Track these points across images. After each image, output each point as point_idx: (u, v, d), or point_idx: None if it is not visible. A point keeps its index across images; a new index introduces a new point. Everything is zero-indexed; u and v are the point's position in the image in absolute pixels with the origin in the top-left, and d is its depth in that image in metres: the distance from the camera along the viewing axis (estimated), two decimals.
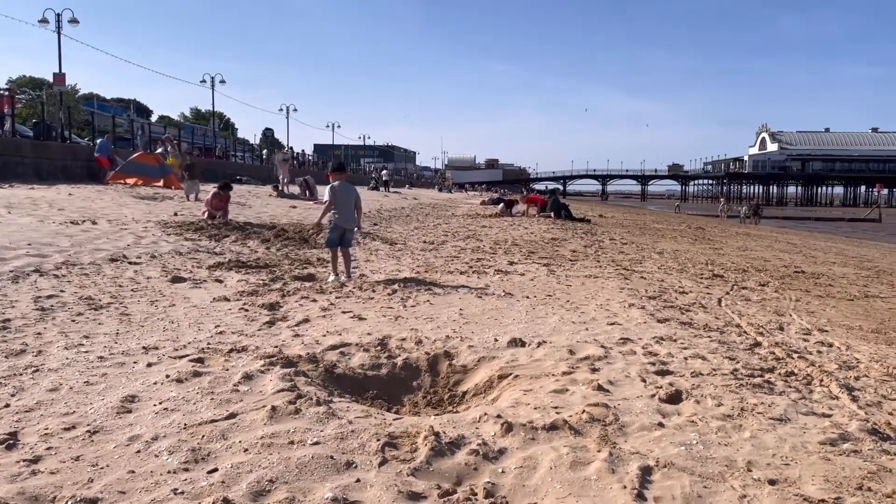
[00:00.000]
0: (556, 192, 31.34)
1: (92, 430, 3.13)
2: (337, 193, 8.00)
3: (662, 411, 3.70)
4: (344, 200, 8.00)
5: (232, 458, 2.87)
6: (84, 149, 26.59)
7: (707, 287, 9.13)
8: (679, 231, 24.90)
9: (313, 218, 16.90)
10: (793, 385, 4.33)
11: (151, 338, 4.89)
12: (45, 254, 8.02)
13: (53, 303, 5.78)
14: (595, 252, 13.16)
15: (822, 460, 3.10)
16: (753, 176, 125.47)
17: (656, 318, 6.39)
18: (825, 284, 10.56)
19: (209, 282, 7.33)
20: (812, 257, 16.39)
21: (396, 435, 3.17)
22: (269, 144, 70.49)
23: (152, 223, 12.20)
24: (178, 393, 3.66)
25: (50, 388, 3.69)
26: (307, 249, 10.62)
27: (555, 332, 5.58)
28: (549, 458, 2.99)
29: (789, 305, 8.01)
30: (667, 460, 3.00)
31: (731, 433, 3.40)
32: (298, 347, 4.75)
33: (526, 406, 3.72)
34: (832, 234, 34.07)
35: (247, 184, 29.77)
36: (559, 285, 8.36)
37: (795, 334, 6.16)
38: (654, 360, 4.76)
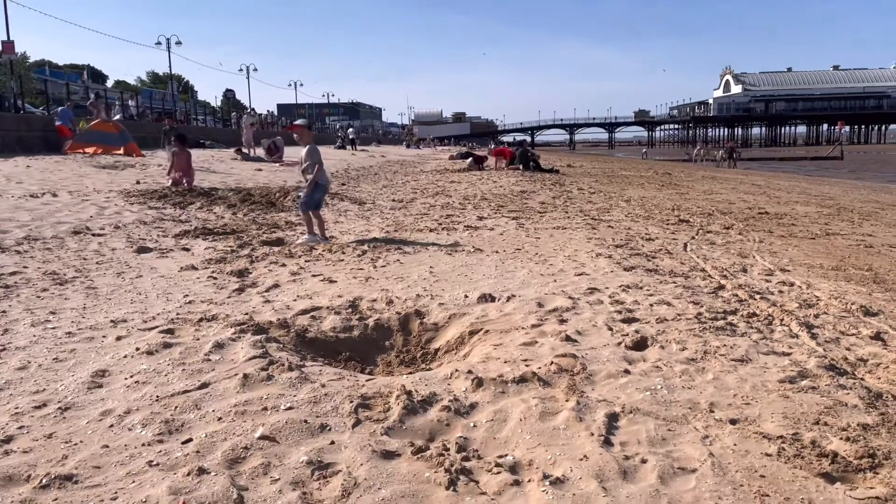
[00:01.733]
0: (524, 143, 31.28)
1: (63, 407, 3.13)
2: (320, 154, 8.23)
3: (628, 358, 3.79)
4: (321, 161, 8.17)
5: (206, 427, 2.90)
6: (39, 118, 25.85)
7: (673, 233, 9.26)
8: (646, 177, 25.09)
9: (279, 181, 16.72)
10: (754, 326, 4.46)
11: (119, 311, 4.85)
12: (4, 229, 7.85)
13: (17, 279, 5.69)
14: (563, 203, 13.24)
15: (781, 398, 3.22)
16: (718, 119, 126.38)
17: (623, 266, 6.49)
18: (788, 224, 10.77)
19: (176, 251, 7.26)
20: (776, 198, 16.65)
21: (369, 396, 3.22)
22: (231, 106, 69.09)
23: (115, 193, 11.97)
24: (148, 365, 3.66)
25: (18, 367, 3.66)
26: (274, 213, 10.53)
27: (524, 286, 5.65)
28: (519, 410, 3.06)
29: (753, 247, 8.17)
30: (632, 406, 3.09)
31: (695, 376, 3.51)
32: (269, 313, 4.75)
33: (496, 360, 3.78)
34: (795, 174, 34.59)
35: (210, 148, 29.24)
36: (528, 238, 8.42)
37: (758, 275, 6.31)
38: (621, 308, 4.85)
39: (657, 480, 2.48)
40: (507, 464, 2.60)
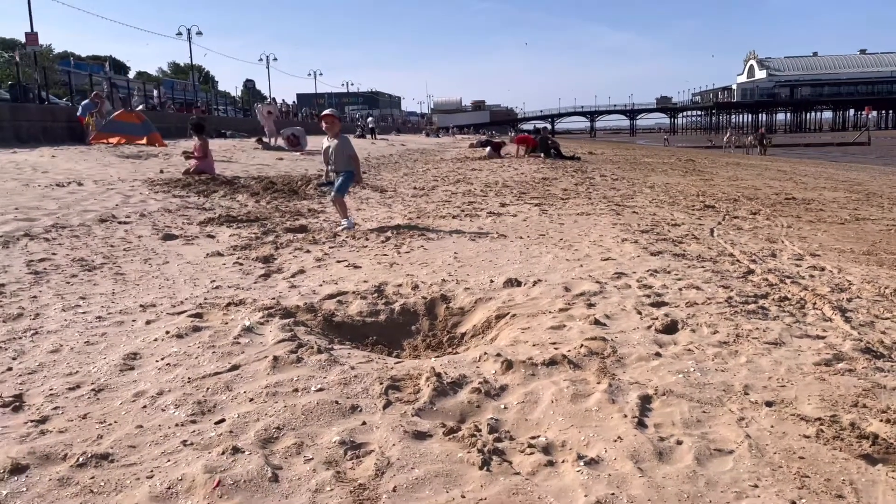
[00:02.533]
0: (544, 130, 31.09)
1: (97, 389, 3.16)
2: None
3: (659, 341, 3.75)
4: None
5: (238, 408, 2.91)
6: (63, 109, 26.11)
7: (699, 218, 9.16)
8: (669, 164, 24.85)
9: (300, 170, 16.77)
10: (786, 310, 4.39)
11: (148, 296, 4.89)
12: (33, 217, 7.94)
13: (46, 266, 5.75)
14: (586, 189, 13.14)
15: (818, 381, 3.16)
16: (742, 105, 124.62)
17: (649, 251, 6.42)
18: (816, 209, 10.61)
19: (201, 238, 7.30)
20: (802, 183, 16.42)
21: (399, 378, 3.21)
22: (252, 96, 69.35)
23: (139, 182, 12.07)
24: (179, 348, 3.68)
25: (51, 350, 3.70)
26: (297, 201, 10.56)
27: (550, 271, 5.61)
28: (550, 392, 3.04)
29: (781, 232, 8.06)
30: (665, 388, 3.06)
31: (728, 359, 3.46)
32: (296, 298, 4.76)
33: (525, 343, 3.76)
34: (821, 160, 34.08)
35: (231, 137, 29.39)
36: (552, 224, 8.36)
37: (788, 260, 6.22)
38: (649, 292, 4.80)
39: (694, 461, 2.44)
40: (540, 444, 2.58)
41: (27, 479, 2.37)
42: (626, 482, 2.32)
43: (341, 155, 7.93)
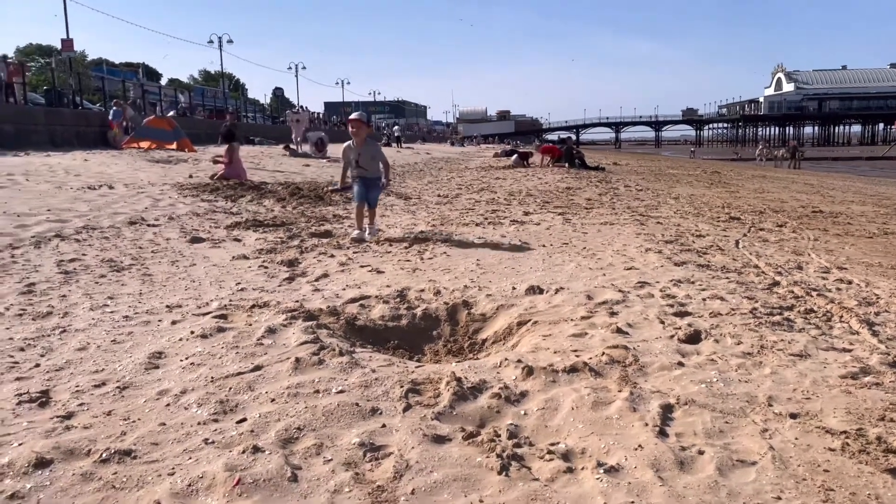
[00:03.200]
0: (568, 140, 31.01)
1: (121, 386, 3.20)
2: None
3: (682, 351, 3.72)
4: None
5: (259, 408, 2.93)
6: (97, 115, 26.58)
7: (724, 230, 9.07)
8: (695, 176, 24.66)
9: (326, 176, 16.89)
10: (812, 322, 4.33)
11: (174, 297, 4.95)
12: (64, 219, 8.09)
13: (76, 266, 5.85)
14: (610, 199, 13.08)
15: (844, 393, 3.12)
16: (769, 118, 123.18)
17: (673, 261, 6.38)
18: (843, 223, 10.46)
19: (228, 241, 7.39)
20: (830, 197, 16.20)
21: (419, 381, 3.22)
22: (280, 104, 70.06)
23: (168, 186, 12.24)
24: (203, 348, 3.72)
25: (78, 348, 3.77)
26: (322, 207, 10.64)
27: (572, 279, 5.59)
28: (571, 399, 3.03)
29: (807, 245, 7.96)
30: (687, 398, 3.03)
31: (752, 370, 3.42)
32: (319, 301, 4.80)
33: (546, 350, 3.75)
34: (850, 174, 33.58)
35: (260, 144, 29.70)
36: (575, 233, 8.34)
37: (814, 273, 6.13)
38: (673, 302, 4.77)
39: (715, 472, 2.42)
40: (560, 451, 2.57)
41: (51, 473, 2.41)
42: (647, 491, 2.30)
43: (371, 160, 7.64)
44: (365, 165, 7.58)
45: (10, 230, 7.17)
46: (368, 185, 7.64)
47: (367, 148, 7.65)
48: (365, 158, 7.58)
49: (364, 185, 7.63)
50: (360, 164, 7.59)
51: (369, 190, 7.63)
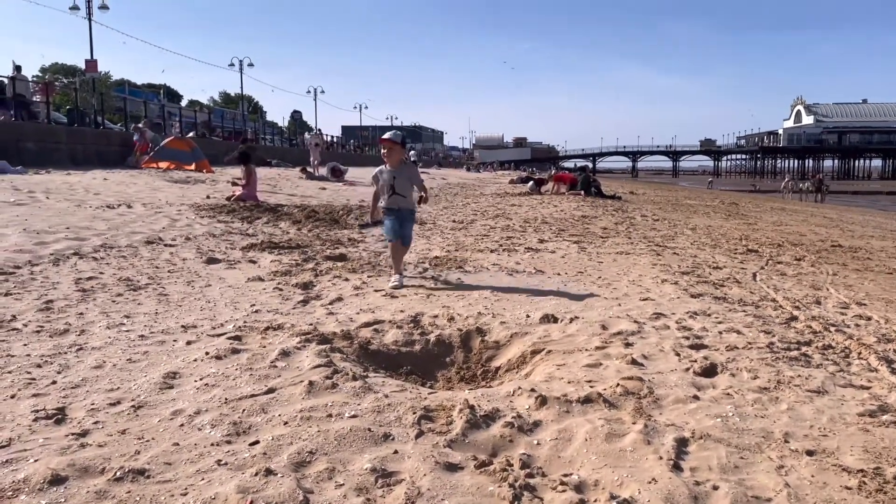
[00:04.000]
0: (585, 169, 31.06)
1: (136, 405, 3.22)
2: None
3: (697, 384, 3.69)
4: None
5: (272, 430, 2.94)
6: (117, 134, 27.01)
7: (741, 262, 9.02)
8: (712, 207, 24.58)
9: (342, 199, 17.00)
10: (830, 358, 4.28)
11: (189, 317, 4.99)
12: (83, 237, 8.19)
13: (94, 284, 5.92)
14: (626, 229, 13.06)
15: (861, 431, 3.08)
16: (788, 150, 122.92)
17: (690, 293, 6.34)
18: (863, 258, 10.37)
19: (243, 262, 7.44)
20: (849, 231, 16.08)
21: (432, 408, 3.21)
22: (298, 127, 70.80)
23: (186, 206, 12.37)
24: (217, 369, 3.74)
25: (94, 366, 3.80)
26: (338, 230, 10.71)
27: (587, 308, 5.58)
28: (585, 430, 3.01)
29: (826, 279, 7.89)
30: (703, 432, 3.00)
31: (768, 405, 3.38)
32: (333, 325, 4.81)
33: (560, 380, 3.73)
34: (870, 208, 33.34)
35: (277, 166, 29.99)
36: (590, 262, 8.32)
37: (833, 308, 6.08)
38: (688, 334, 4.74)
39: None
40: (573, 482, 2.55)
41: (66, 490, 2.42)
42: None
43: (408, 185, 6.47)
44: (402, 192, 6.41)
45: (29, 247, 7.27)
46: (402, 218, 6.48)
47: (404, 171, 6.49)
48: (402, 183, 6.41)
49: (397, 218, 6.46)
50: (397, 190, 6.39)
51: (403, 224, 6.48)
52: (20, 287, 5.64)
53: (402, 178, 6.41)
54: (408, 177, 6.49)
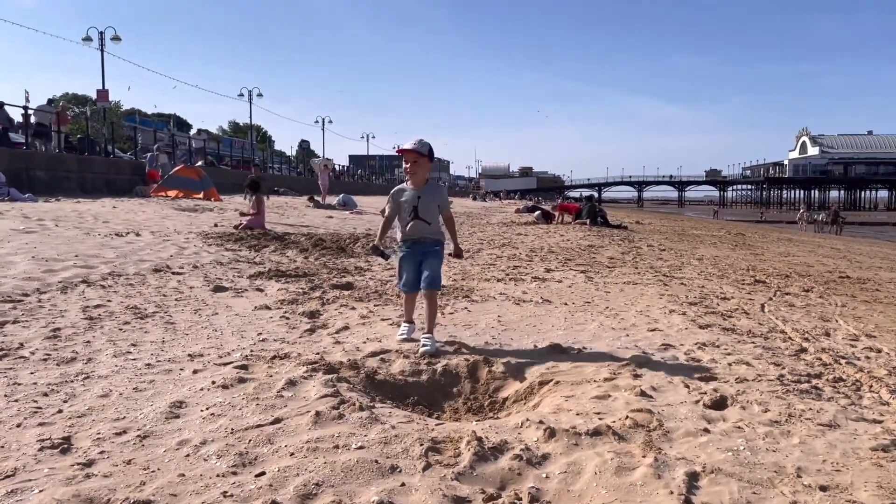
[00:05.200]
0: (591, 198, 31.12)
1: (142, 435, 3.20)
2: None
3: (707, 417, 3.65)
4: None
5: (279, 461, 2.91)
6: (127, 163, 27.25)
7: (749, 293, 8.98)
8: (719, 237, 24.55)
9: (349, 227, 17.05)
10: (841, 391, 4.24)
11: (196, 345, 4.98)
12: (91, 265, 8.22)
13: (101, 312, 5.92)
14: (633, 259, 13.04)
15: (875, 466, 3.03)
16: (794, 181, 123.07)
17: (698, 323, 6.31)
18: (872, 289, 10.31)
19: (250, 291, 7.44)
20: (857, 262, 16.02)
21: (439, 440, 3.18)
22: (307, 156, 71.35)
23: (194, 234, 12.43)
24: (224, 399, 3.72)
25: (100, 395, 3.78)
26: (345, 258, 10.72)
27: (595, 339, 5.55)
28: (594, 463, 2.97)
29: (835, 311, 7.84)
30: (714, 466, 2.96)
31: (780, 439, 3.34)
32: (339, 354, 4.79)
33: (568, 412, 3.70)
34: (877, 239, 33.24)
35: (284, 195, 30.16)
36: (597, 292, 8.30)
37: (842, 340, 6.03)
38: (698, 365, 4.70)
39: None
40: None
41: None
42: None
43: (433, 210, 5.08)
44: (425, 217, 5.01)
45: (38, 275, 7.30)
46: (425, 253, 5.04)
47: (430, 192, 5.08)
48: (427, 206, 5.03)
49: (418, 253, 5.05)
50: (421, 214, 5.01)
51: (427, 260, 5.03)
52: (28, 315, 5.65)
53: (428, 199, 5.04)
54: (436, 199, 5.09)
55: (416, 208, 5.00)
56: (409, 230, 5.04)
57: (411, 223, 5.02)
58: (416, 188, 5.05)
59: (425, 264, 5.00)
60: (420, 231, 5.03)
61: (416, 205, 5.00)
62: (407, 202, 5.03)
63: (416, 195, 5.02)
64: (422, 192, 5.03)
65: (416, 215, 5.01)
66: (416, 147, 4.96)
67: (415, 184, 5.05)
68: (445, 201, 5.23)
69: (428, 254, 5.03)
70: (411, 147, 4.98)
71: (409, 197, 5.03)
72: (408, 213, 5.03)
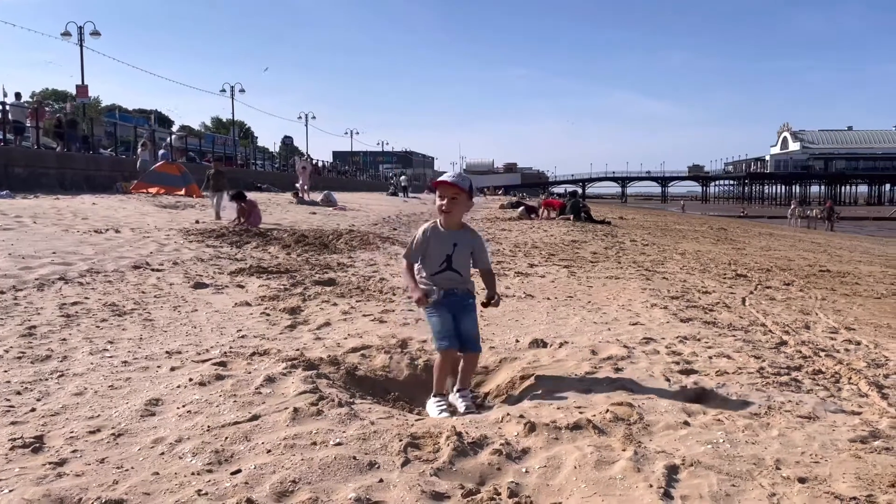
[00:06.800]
0: (575, 194, 31.19)
1: (117, 433, 3.15)
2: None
3: (687, 410, 3.65)
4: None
5: (255, 459, 2.87)
6: (107, 159, 26.95)
7: (730, 287, 9.02)
8: (701, 232, 24.69)
9: (332, 224, 16.96)
10: (821, 383, 4.26)
11: (174, 342, 4.92)
12: (69, 262, 8.11)
13: (78, 309, 5.84)
14: (616, 253, 13.07)
15: (853, 458, 3.04)
16: (775, 176, 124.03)
17: (679, 317, 6.32)
18: (851, 283, 10.40)
19: (231, 287, 7.37)
20: (837, 256, 16.17)
21: (419, 435, 3.16)
22: (289, 152, 71.02)
23: (174, 231, 12.31)
24: (201, 396, 3.67)
25: (75, 393, 3.72)
26: (327, 255, 10.66)
27: (576, 333, 5.54)
28: (574, 457, 2.96)
29: (815, 304, 7.90)
30: (693, 459, 2.95)
31: (759, 431, 3.34)
32: (320, 350, 4.76)
33: (549, 406, 3.68)
34: (857, 233, 33.60)
35: (267, 191, 29.99)
36: (580, 286, 8.30)
37: (822, 333, 6.07)
38: (678, 359, 4.70)
39: None
40: None
41: None
42: None
43: (466, 261, 4.11)
44: (460, 268, 4.06)
45: (14, 272, 7.19)
46: (459, 306, 4.07)
47: (468, 238, 4.13)
48: (462, 255, 4.07)
49: (450, 304, 4.04)
50: (454, 265, 4.04)
51: (462, 316, 4.07)
52: (3, 312, 5.56)
53: (464, 247, 4.06)
54: (471, 247, 4.11)
55: (451, 258, 4.03)
56: (440, 280, 4.05)
57: (444, 274, 4.04)
58: (451, 230, 4.06)
59: (463, 322, 4.06)
60: (452, 282, 4.06)
61: (450, 253, 4.02)
62: (439, 249, 4.03)
63: (452, 241, 4.03)
64: (458, 238, 4.06)
65: (450, 266, 4.03)
66: (457, 181, 4.03)
67: (448, 224, 4.05)
68: (485, 252, 4.30)
69: (463, 308, 4.08)
70: (451, 180, 4.02)
71: (443, 243, 4.02)
72: (438, 263, 4.03)
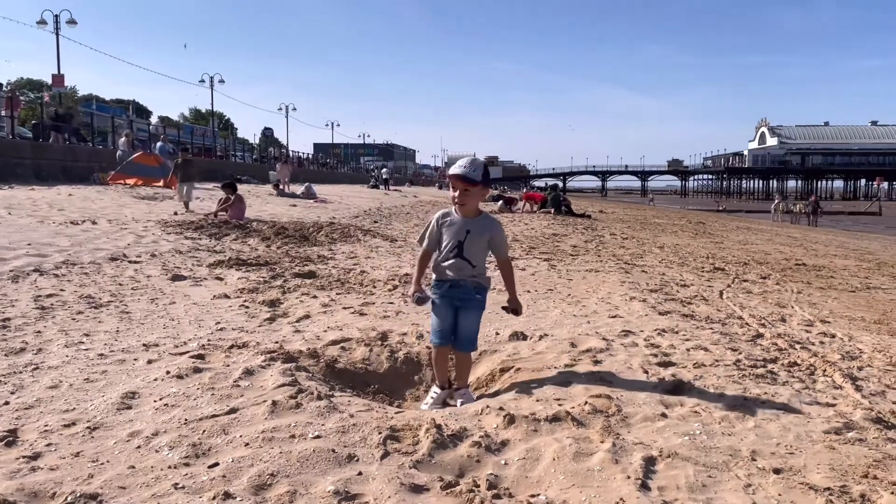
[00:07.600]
0: (556, 187, 31.28)
1: (92, 427, 3.11)
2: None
3: (665, 402, 3.68)
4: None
5: (233, 452, 2.85)
6: (84, 150, 26.58)
7: (708, 280, 9.10)
8: (680, 226, 24.88)
9: (313, 216, 16.88)
10: (796, 375, 4.31)
11: (152, 335, 4.87)
12: (44, 253, 8.00)
13: (53, 301, 5.76)
14: (596, 247, 13.14)
15: (827, 449, 3.08)
16: (753, 170, 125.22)
17: (658, 310, 6.37)
18: (827, 276, 10.54)
19: (209, 279, 7.31)
20: (813, 250, 16.36)
21: (398, 428, 3.15)
22: (269, 144, 70.53)
23: (152, 222, 12.18)
24: (178, 389, 3.64)
25: (50, 386, 3.68)
26: (307, 247, 10.60)
27: (556, 326, 5.56)
28: (552, 449, 2.97)
29: (791, 297, 7.99)
30: (670, 450, 2.98)
31: (735, 423, 3.38)
32: (299, 343, 4.73)
33: (528, 398, 3.69)
34: (832, 228, 34.04)
35: (247, 183, 29.76)
36: (560, 280, 8.33)
37: (798, 325, 6.14)
38: (657, 351, 4.74)
39: None
40: (540, 503, 2.51)
41: None
42: None
43: (480, 251, 3.91)
44: (471, 256, 3.87)
45: None
46: (463, 300, 3.92)
47: (482, 225, 3.92)
48: (475, 243, 3.89)
49: (454, 298, 3.93)
50: (465, 253, 3.86)
51: (463, 311, 3.94)
52: None
53: (477, 234, 3.87)
54: (487, 234, 3.90)
55: (462, 244, 3.85)
56: (447, 268, 3.90)
57: (452, 261, 3.87)
58: (466, 218, 3.89)
59: (462, 317, 3.92)
60: (460, 270, 3.87)
61: (462, 239, 3.85)
62: (451, 234, 3.88)
63: (465, 228, 3.86)
64: (472, 225, 3.87)
65: (461, 253, 3.85)
66: (465, 173, 3.75)
67: (465, 213, 3.89)
68: (503, 240, 4.01)
69: (467, 302, 3.91)
70: (460, 172, 3.76)
71: (456, 228, 3.87)
72: (450, 249, 3.87)
